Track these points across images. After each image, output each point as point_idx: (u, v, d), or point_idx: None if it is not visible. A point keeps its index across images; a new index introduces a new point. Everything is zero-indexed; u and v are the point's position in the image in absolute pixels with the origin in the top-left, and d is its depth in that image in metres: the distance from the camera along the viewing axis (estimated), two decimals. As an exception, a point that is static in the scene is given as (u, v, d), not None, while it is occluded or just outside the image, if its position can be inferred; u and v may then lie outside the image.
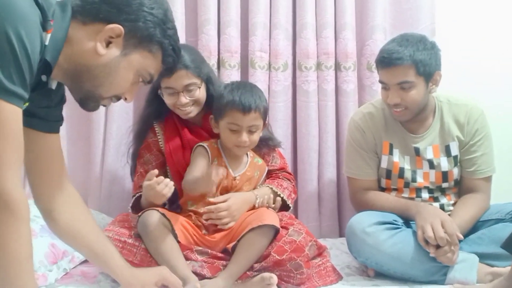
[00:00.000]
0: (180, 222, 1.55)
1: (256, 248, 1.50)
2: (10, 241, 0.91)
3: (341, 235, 2.22)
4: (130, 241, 1.51)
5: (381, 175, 1.81)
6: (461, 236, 1.53)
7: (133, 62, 1.07)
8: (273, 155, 1.80)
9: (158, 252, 1.47)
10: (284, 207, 1.72)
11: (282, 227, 1.55)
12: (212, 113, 1.65)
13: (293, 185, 1.80)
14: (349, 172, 1.85)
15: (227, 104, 1.57)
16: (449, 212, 1.71)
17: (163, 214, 1.50)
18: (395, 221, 1.64)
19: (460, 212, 1.68)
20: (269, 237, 1.52)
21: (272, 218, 1.54)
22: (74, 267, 1.67)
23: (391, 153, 1.77)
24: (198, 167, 1.57)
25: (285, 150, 2.01)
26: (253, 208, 1.63)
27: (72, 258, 1.67)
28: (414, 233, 1.58)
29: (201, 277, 1.47)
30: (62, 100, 1.20)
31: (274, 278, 1.44)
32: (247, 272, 1.49)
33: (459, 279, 1.53)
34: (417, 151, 1.76)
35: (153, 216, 1.49)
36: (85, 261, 1.70)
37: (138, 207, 1.64)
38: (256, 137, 1.62)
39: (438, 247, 1.52)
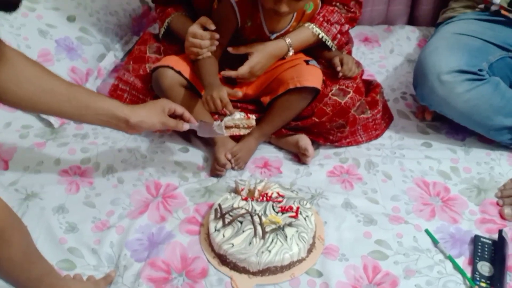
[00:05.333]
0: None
1: (293, 111, 1.30)
2: None
3: (409, 22, 1.88)
4: (149, 100, 1.32)
5: None
6: None
7: None
8: None
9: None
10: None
11: (325, 83, 1.28)
12: None
13: (351, 11, 1.37)
14: None
15: None
16: None
17: (178, 72, 1.26)
18: (480, 71, 1.28)
19: None
20: (309, 98, 1.29)
21: (314, 76, 1.27)
22: (102, 81, 1.55)
23: None
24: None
25: None
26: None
27: (98, 72, 1.54)
28: (498, 87, 1.28)
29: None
30: None
31: (310, 152, 1.30)
32: (282, 129, 1.34)
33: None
34: None
35: (168, 77, 1.26)
36: (113, 71, 1.58)
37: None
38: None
39: None
